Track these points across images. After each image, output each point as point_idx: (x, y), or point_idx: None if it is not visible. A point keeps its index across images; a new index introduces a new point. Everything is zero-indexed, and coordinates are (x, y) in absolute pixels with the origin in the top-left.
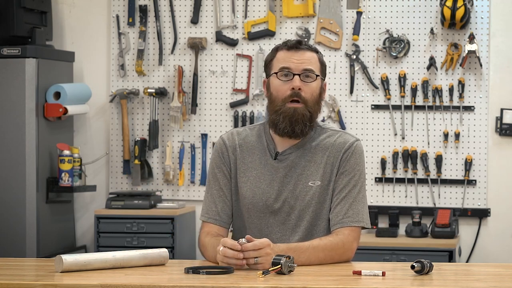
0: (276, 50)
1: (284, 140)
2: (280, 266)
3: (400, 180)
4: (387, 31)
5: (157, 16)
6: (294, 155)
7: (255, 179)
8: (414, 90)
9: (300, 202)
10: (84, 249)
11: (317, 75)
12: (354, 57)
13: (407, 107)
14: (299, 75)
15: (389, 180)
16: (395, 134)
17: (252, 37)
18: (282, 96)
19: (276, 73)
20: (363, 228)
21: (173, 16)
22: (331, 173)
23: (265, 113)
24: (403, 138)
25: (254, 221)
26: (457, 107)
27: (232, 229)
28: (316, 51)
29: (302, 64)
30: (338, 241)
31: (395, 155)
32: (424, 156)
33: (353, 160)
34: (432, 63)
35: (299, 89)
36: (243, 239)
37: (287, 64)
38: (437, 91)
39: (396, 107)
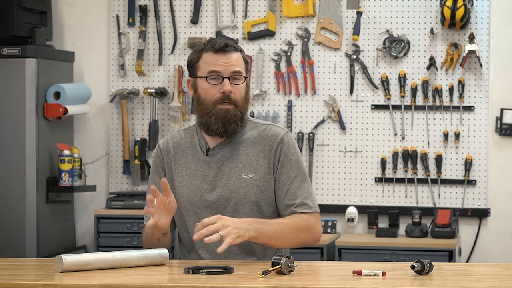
0: (201, 51)
1: (215, 138)
2: (280, 266)
3: (400, 180)
4: (387, 31)
5: (157, 16)
6: (225, 149)
7: (190, 177)
8: (414, 90)
9: (235, 194)
10: (84, 249)
11: (245, 77)
12: (354, 57)
13: (407, 107)
14: (228, 78)
15: (389, 180)
16: (395, 134)
17: (252, 37)
18: (212, 99)
19: (205, 77)
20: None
21: (173, 16)
22: (267, 166)
23: (195, 114)
24: (403, 138)
25: (192, 218)
26: (457, 107)
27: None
28: (240, 50)
29: (230, 66)
30: (302, 221)
31: (395, 155)
32: (424, 156)
33: (287, 151)
34: (432, 63)
35: (230, 92)
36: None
37: (215, 67)
38: (437, 91)
39: (396, 107)
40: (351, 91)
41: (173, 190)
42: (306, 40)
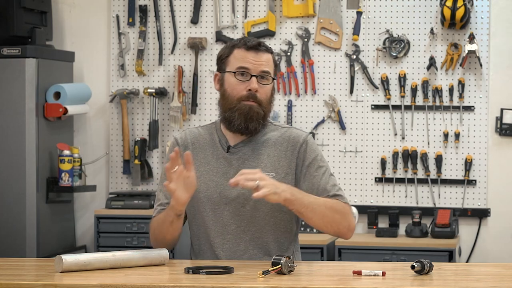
0: (233, 46)
1: (236, 135)
2: (280, 266)
3: (400, 180)
4: (387, 31)
5: (157, 16)
6: (247, 148)
7: (208, 173)
8: (414, 90)
9: None
10: (84, 249)
11: (273, 78)
12: (354, 57)
13: (407, 107)
14: (256, 76)
15: (389, 180)
16: (395, 134)
17: (252, 37)
18: (238, 95)
19: (233, 72)
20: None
21: (173, 16)
22: (287, 166)
23: (218, 109)
24: (403, 138)
25: (209, 214)
26: (457, 107)
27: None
28: (271, 52)
29: (260, 65)
30: (338, 203)
31: (395, 155)
32: (424, 156)
33: (311, 151)
34: (432, 63)
35: (256, 91)
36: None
37: (245, 64)
38: (437, 91)
39: (396, 107)
40: (351, 91)
41: None
42: (306, 40)
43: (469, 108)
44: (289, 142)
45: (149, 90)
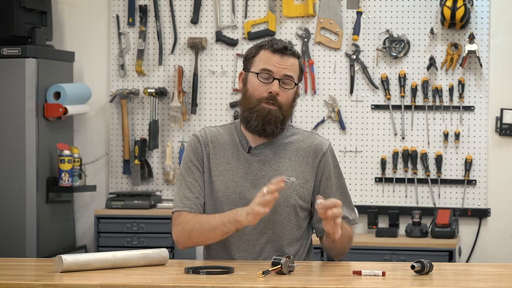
0: (260, 47)
1: (256, 137)
2: (280, 266)
3: (400, 180)
4: (387, 31)
5: (157, 16)
6: (267, 151)
7: (228, 172)
8: (414, 90)
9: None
10: (84, 249)
11: (295, 83)
12: (354, 57)
13: (407, 107)
14: (279, 80)
15: (389, 180)
16: (395, 134)
17: (252, 37)
18: (258, 96)
19: (257, 73)
20: None
21: (173, 16)
22: (309, 173)
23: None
24: (403, 138)
25: None
26: (457, 107)
27: None
28: (298, 57)
29: (284, 69)
30: (350, 232)
31: (395, 155)
32: (424, 156)
33: (333, 163)
34: (432, 63)
35: (277, 94)
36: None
37: (269, 66)
38: (437, 91)
39: (396, 107)
40: (351, 91)
41: (209, 183)
42: (306, 40)
43: (469, 108)
44: (311, 149)
45: (149, 90)
